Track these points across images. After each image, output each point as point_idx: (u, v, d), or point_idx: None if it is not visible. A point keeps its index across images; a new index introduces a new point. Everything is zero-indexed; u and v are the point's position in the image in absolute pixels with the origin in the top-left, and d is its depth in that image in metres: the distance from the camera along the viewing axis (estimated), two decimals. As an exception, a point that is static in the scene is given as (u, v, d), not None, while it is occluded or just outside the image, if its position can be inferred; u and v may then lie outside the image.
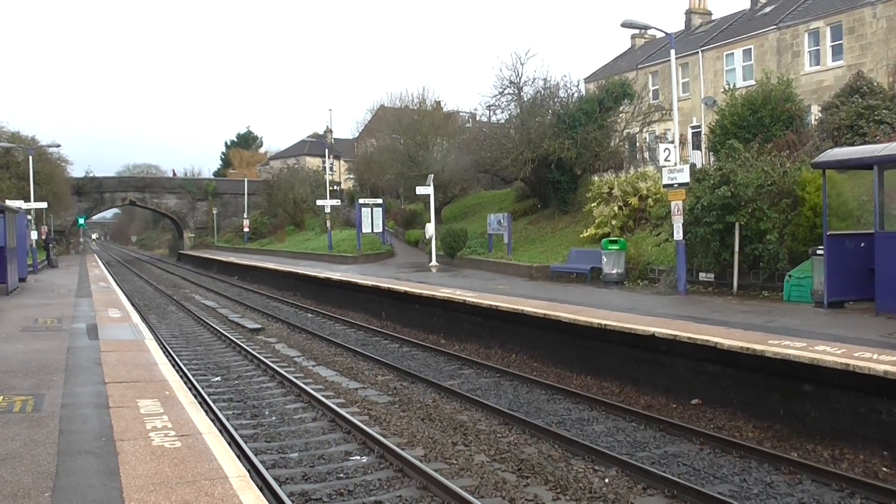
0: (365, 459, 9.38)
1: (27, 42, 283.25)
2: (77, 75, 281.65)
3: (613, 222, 25.15)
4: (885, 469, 8.64)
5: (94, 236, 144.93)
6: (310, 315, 24.86)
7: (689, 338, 11.57)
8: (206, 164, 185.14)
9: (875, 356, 9.50)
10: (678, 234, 17.86)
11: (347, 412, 11.41)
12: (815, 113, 26.86)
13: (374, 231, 39.75)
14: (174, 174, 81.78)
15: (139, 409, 8.24)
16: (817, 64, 33.05)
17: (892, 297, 12.99)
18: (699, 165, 25.50)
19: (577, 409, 11.80)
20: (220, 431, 8.66)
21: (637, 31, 44.44)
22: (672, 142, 19.79)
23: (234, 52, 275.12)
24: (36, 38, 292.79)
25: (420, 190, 31.91)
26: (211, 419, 9.04)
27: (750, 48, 36.15)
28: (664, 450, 9.63)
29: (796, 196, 16.72)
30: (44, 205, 40.10)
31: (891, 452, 8.84)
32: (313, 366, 15.99)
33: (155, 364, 11.11)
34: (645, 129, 33.91)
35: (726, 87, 27.85)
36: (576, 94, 33.35)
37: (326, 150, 55.77)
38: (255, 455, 9.20)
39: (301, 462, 9.35)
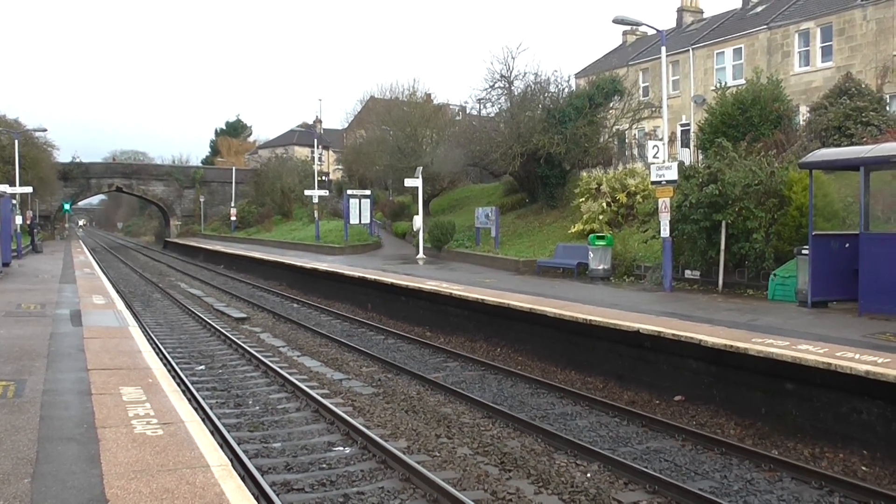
0: (348, 450, 9.37)
1: (14, 27, 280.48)
2: (65, 61, 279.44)
3: (601, 218, 25.21)
4: (864, 468, 8.71)
5: (80, 222, 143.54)
6: (295, 305, 24.80)
7: (673, 335, 11.62)
8: (195, 151, 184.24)
9: (857, 356, 9.57)
10: (665, 232, 17.92)
11: (331, 403, 11.40)
12: (804, 113, 26.96)
13: (362, 222, 39.68)
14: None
15: (122, 396, 8.20)
16: (807, 64, 33.19)
17: (875, 297, 13.09)
18: (687, 163, 25.56)
19: (560, 403, 11.84)
20: (203, 420, 8.65)
21: (628, 28, 44.64)
22: (661, 139, 19.85)
23: (224, 40, 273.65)
24: (24, 24, 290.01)
25: (409, 182, 31.86)
26: (194, 408, 8.99)
27: (740, 47, 36.26)
28: (646, 445, 9.68)
29: (783, 196, 16.80)
30: (29, 189, 39.83)
31: (870, 451, 8.92)
32: (298, 356, 15.96)
33: (138, 351, 11.05)
34: (634, 126, 33.95)
35: (716, 85, 27.96)
36: (566, 90, 33.36)
37: (315, 140, 55.60)
38: (238, 444, 9.18)
39: (284, 452, 9.34)
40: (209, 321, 20.32)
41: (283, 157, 67.83)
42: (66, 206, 64.47)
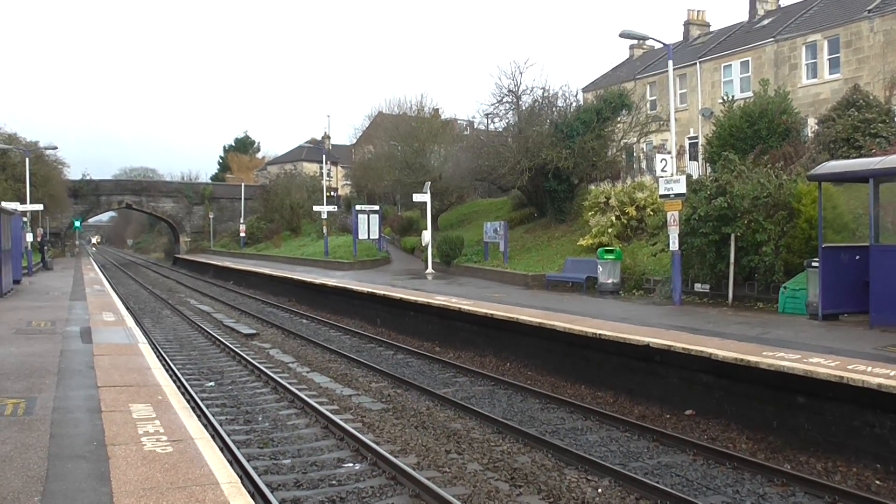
0: (358, 467, 9.35)
1: (26, 43, 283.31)
2: (76, 77, 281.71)
3: (610, 231, 25.18)
4: (877, 482, 8.64)
5: (93, 240, 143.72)
6: (305, 321, 24.82)
7: (683, 348, 11.58)
8: (204, 168, 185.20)
9: (869, 369, 9.51)
10: (674, 245, 17.89)
11: (341, 419, 11.38)
12: (812, 125, 26.92)
13: (371, 237, 39.74)
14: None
15: (131, 413, 8.21)
16: (814, 77, 33.18)
17: (887, 309, 13.01)
18: (696, 176, 25.53)
19: (570, 418, 11.79)
20: (213, 437, 8.62)
21: (635, 42, 44.71)
22: (669, 152, 19.84)
23: (232, 57, 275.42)
24: (35, 40, 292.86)
25: (417, 197, 31.91)
26: (203, 424, 9.01)
27: (748, 60, 36.28)
28: (657, 460, 9.62)
29: (792, 208, 16.75)
30: (40, 207, 40.02)
31: (884, 465, 8.85)
32: (307, 372, 15.96)
33: (148, 368, 11.07)
34: (642, 140, 33.97)
35: (724, 98, 27.93)
36: (574, 104, 33.42)
37: (324, 156, 55.80)
38: (248, 461, 9.16)
39: (293, 468, 9.32)
40: (219, 337, 20.34)
41: (291, 172, 68.07)
42: (77, 224, 64.77)
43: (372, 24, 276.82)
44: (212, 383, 14.73)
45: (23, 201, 37.21)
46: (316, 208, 47.48)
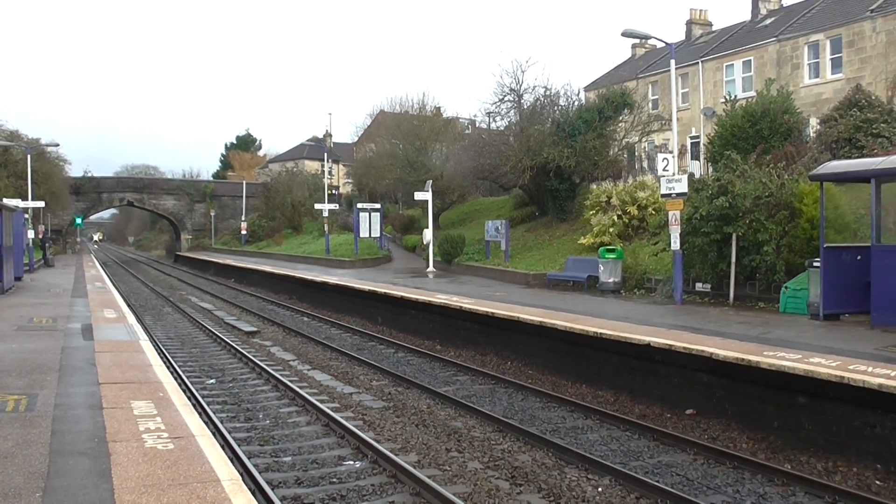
0: (358, 464, 9.36)
1: (28, 41, 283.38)
2: (78, 75, 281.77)
3: (611, 231, 25.18)
4: (878, 482, 8.64)
5: (95, 237, 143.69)
6: (306, 319, 24.83)
7: (684, 348, 11.57)
8: (206, 165, 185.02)
9: (870, 369, 9.51)
10: (675, 244, 17.88)
11: (341, 417, 11.39)
12: (814, 125, 26.89)
13: (372, 236, 39.76)
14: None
15: (133, 410, 8.22)
16: (816, 76, 33.15)
17: (888, 310, 13.00)
18: (698, 176, 25.52)
19: (571, 417, 11.79)
20: (214, 434, 8.65)
21: (638, 41, 44.59)
22: (671, 152, 19.83)
23: (235, 54, 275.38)
24: (37, 37, 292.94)
25: (418, 195, 31.90)
26: (204, 421, 9.02)
27: (750, 59, 36.25)
28: (658, 459, 9.62)
29: (794, 208, 16.74)
30: (41, 204, 40.05)
31: (884, 465, 8.85)
32: (308, 370, 15.97)
33: (149, 365, 11.08)
34: (644, 139, 33.94)
35: (726, 97, 27.91)
36: (576, 103, 33.39)
37: (325, 154, 55.80)
38: (249, 458, 9.17)
39: (294, 466, 9.33)
40: (220, 335, 20.36)
41: (293, 170, 68.09)
42: (78, 221, 64.81)
43: (374, 23, 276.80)
44: (213, 381, 14.75)
45: (24, 198, 37.23)
46: (317, 206, 47.50)
